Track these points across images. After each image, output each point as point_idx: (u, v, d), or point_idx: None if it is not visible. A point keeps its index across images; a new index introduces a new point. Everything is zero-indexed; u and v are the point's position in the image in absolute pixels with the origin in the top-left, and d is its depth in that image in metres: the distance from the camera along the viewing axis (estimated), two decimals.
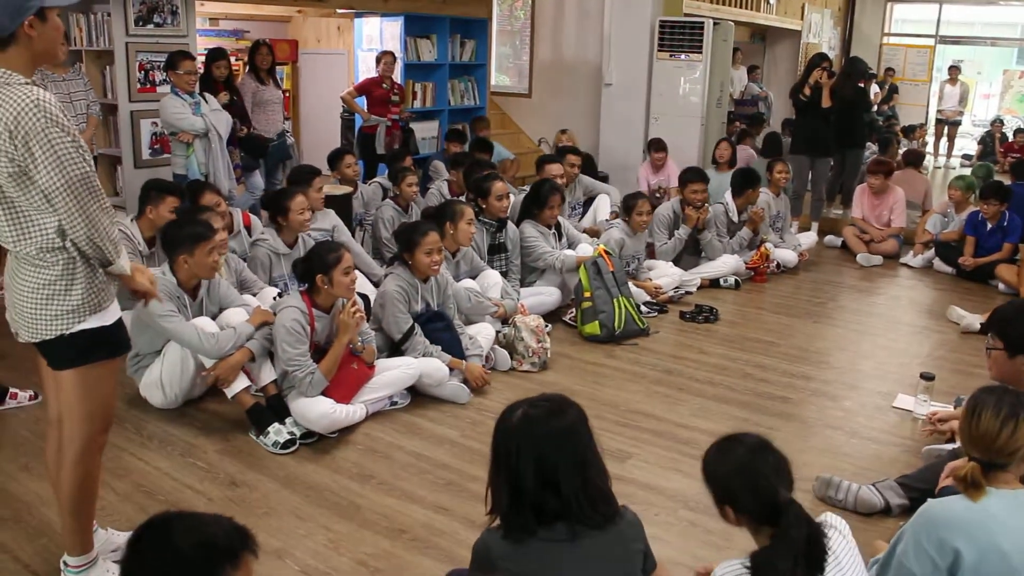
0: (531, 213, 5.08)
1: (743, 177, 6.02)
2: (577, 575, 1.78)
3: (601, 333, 4.62)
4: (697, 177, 5.73)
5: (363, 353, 3.63)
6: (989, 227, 6.19)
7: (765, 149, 8.32)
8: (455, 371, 3.89)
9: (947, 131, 12.80)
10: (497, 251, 4.89)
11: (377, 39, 8.06)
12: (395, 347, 3.92)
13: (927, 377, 3.73)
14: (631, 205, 5.30)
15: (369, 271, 4.91)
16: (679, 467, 3.25)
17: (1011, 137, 12.26)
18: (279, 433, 3.33)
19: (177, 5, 6.02)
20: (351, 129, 7.95)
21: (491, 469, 1.84)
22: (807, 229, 7.28)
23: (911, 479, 2.94)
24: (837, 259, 6.85)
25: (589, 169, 6.85)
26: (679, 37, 7.95)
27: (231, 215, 4.58)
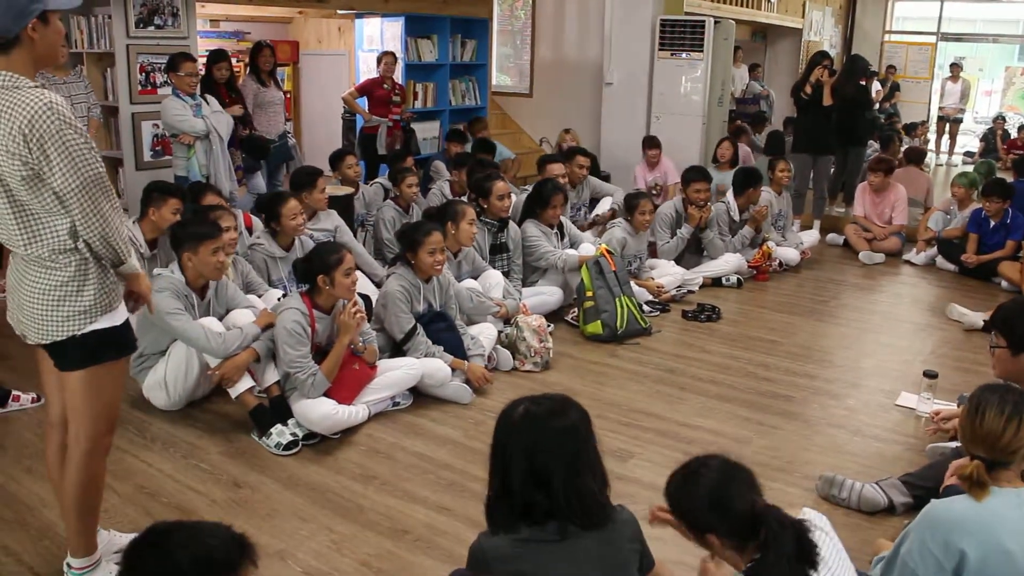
0: (533, 213, 5.08)
1: (745, 176, 6.02)
2: (570, 575, 1.78)
3: (603, 332, 4.62)
4: (699, 176, 5.72)
5: (365, 353, 3.63)
6: (992, 224, 6.18)
7: (767, 148, 8.31)
8: (457, 371, 3.89)
9: (949, 128, 12.79)
10: (499, 251, 4.89)
11: (378, 40, 8.07)
12: (397, 347, 3.92)
13: (930, 375, 3.72)
14: (633, 204, 5.30)
15: (371, 272, 4.91)
16: None
17: (1013, 134, 12.25)
18: (281, 434, 3.33)
19: (178, 7, 6.02)
20: (352, 130, 7.96)
21: (489, 461, 1.85)
22: (809, 227, 7.27)
23: (915, 477, 2.94)
24: (839, 257, 6.85)
25: (592, 169, 6.84)
26: (680, 36, 7.94)
27: (235, 216, 4.58)
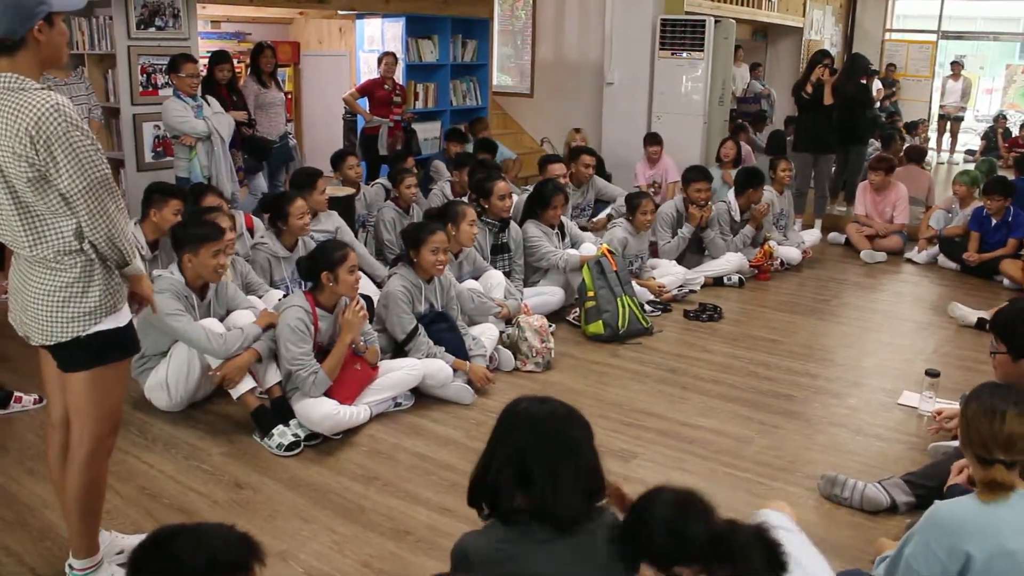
0: (534, 213, 5.08)
1: (746, 176, 6.01)
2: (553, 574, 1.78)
3: (605, 332, 4.62)
4: (700, 176, 5.71)
5: (366, 354, 3.63)
6: (993, 222, 6.17)
7: (769, 147, 8.31)
8: (459, 372, 3.89)
9: (950, 127, 12.77)
10: (500, 251, 4.89)
11: (378, 40, 8.07)
12: (399, 348, 3.92)
13: (932, 374, 3.72)
14: (635, 204, 5.30)
15: (372, 272, 4.91)
16: (684, 466, 3.24)
17: (1015, 132, 12.23)
18: (283, 435, 3.33)
19: (179, 8, 6.02)
20: (353, 130, 7.96)
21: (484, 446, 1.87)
22: (810, 226, 7.26)
23: (917, 476, 2.93)
24: (841, 256, 6.84)
25: (598, 169, 6.83)
26: (680, 35, 7.94)
27: (233, 217, 4.58)
